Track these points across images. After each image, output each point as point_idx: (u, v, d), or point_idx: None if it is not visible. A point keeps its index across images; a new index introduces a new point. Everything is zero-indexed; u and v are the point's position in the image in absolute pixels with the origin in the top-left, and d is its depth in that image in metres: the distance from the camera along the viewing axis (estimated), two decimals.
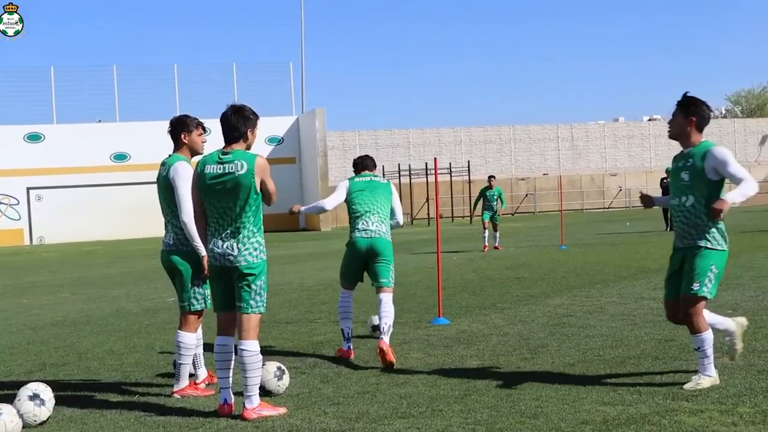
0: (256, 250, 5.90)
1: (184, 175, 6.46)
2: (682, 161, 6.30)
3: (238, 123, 6.03)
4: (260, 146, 39.64)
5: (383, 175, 44.19)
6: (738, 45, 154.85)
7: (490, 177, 22.67)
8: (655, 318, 9.19)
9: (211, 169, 5.93)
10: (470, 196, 42.81)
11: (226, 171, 5.87)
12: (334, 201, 8.09)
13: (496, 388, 6.36)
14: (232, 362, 6.00)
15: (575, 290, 11.96)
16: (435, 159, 10.61)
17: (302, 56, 45.09)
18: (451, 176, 44.24)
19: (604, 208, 49.11)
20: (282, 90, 44.38)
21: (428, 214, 42.52)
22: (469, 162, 45.69)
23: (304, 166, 42.16)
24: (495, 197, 21.90)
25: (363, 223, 7.91)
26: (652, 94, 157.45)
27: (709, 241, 6.18)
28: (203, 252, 6.22)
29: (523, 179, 49.38)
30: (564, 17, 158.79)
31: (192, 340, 6.58)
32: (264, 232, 6.04)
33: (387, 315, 7.75)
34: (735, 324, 6.60)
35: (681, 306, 6.30)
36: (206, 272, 6.22)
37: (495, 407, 5.81)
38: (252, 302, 5.88)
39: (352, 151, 50.08)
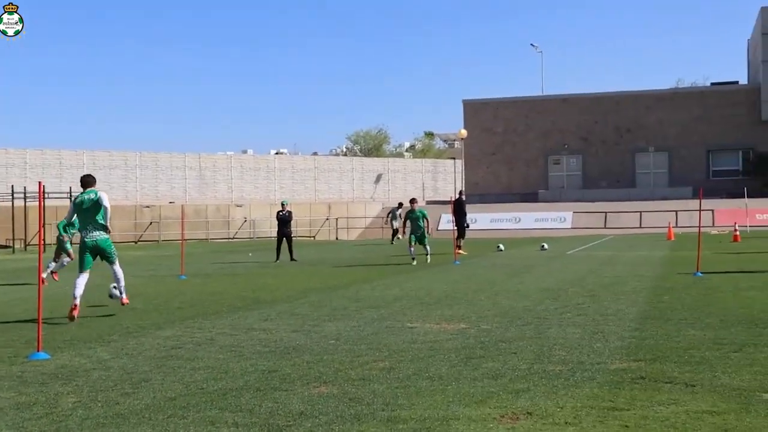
0: None
1: None
2: None
3: None
4: None
5: None
6: (358, 88, 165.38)
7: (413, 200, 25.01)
8: (262, 349, 9.38)
9: None
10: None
11: None
12: (70, 215, 13.21)
13: (90, 427, 6.08)
14: None
15: (188, 321, 11.89)
16: (40, 183, 10.07)
17: None
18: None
19: (229, 238, 49.68)
20: None
21: (45, 239, 40.21)
22: None
23: None
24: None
25: (87, 231, 12.20)
26: (281, 129, 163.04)
27: None
28: None
29: (148, 207, 48.48)
30: (190, 49, 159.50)
31: None
32: None
33: (120, 278, 12.78)
34: None
35: None
36: None
37: None
38: None
39: None
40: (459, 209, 29.20)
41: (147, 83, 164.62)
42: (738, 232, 34.31)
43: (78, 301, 11.94)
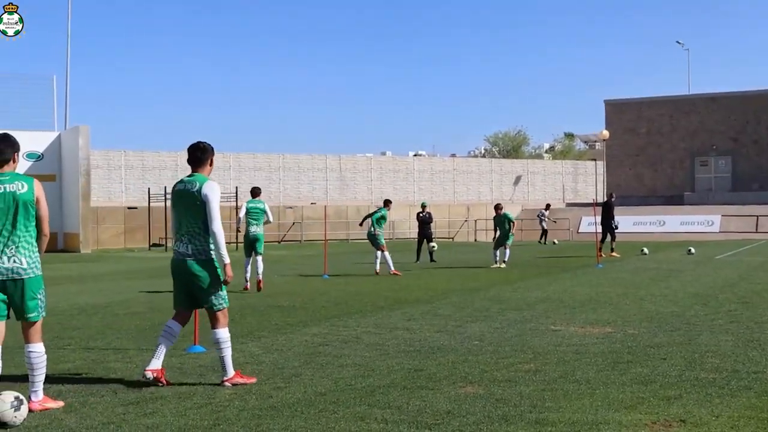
0: (37, 263, 6.68)
1: None
2: None
3: (5, 149, 6.64)
4: (19, 162, 37.46)
5: (149, 197, 43.03)
6: (497, 89, 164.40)
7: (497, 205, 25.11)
8: (407, 348, 9.49)
9: None
10: (237, 221, 42.50)
11: (6, 190, 6.51)
12: (241, 214, 17.65)
13: (246, 418, 6.32)
14: None
15: (333, 319, 12.14)
16: None
17: (67, 71, 43.02)
18: None
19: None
20: (44, 104, 42.06)
21: None
22: (237, 188, 45.38)
23: (65, 185, 40.18)
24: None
25: (250, 226, 17.36)
26: (418, 132, 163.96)
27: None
28: None
29: (290, 207, 49.68)
30: (331, 55, 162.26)
31: None
32: None
33: (261, 267, 17.29)
34: None
35: None
36: None
37: None
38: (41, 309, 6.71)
39: (117, 172, 48.51)
40: (606, 211, 29.17)
41: (290, 88, 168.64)
42: None
43: (248, 278, 17.18)
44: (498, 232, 24.51)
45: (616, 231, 29.71)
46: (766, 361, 8.33)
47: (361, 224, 24.42)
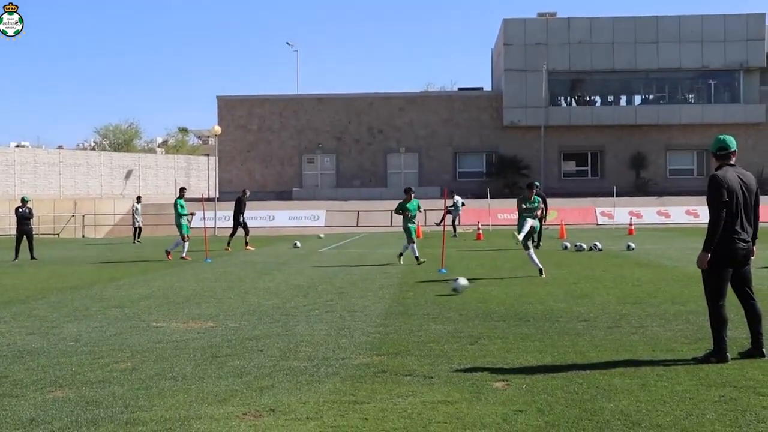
0: None
1: None
2: None
3: None
4: None
5: None
6: (107, 80, 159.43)
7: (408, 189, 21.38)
8: None
9: None
10: None
11: None
12: None
13: None
14: None
15: None
16: None
17: None
18: None
19: None
20: None
21: None
22: None
23: None
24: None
25: None
26: (22, 121, 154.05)
27: None
28: None
29: None
30: None
31: None
32: None
33: None
34: None
35: None
36: None
37: None
38: None
39: None
40: (237, 207, 30.60)
41: None
42: (481, 231, 36.19)
43: None
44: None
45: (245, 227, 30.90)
46: (354, 348, 8.84)
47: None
